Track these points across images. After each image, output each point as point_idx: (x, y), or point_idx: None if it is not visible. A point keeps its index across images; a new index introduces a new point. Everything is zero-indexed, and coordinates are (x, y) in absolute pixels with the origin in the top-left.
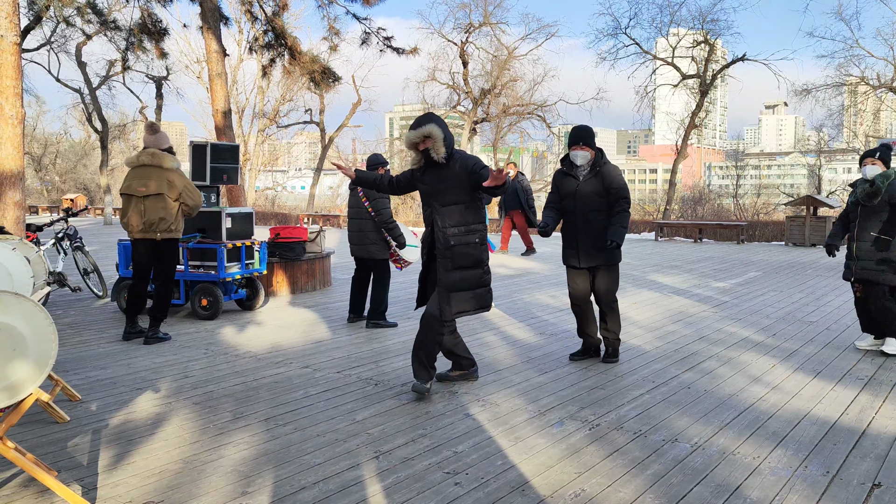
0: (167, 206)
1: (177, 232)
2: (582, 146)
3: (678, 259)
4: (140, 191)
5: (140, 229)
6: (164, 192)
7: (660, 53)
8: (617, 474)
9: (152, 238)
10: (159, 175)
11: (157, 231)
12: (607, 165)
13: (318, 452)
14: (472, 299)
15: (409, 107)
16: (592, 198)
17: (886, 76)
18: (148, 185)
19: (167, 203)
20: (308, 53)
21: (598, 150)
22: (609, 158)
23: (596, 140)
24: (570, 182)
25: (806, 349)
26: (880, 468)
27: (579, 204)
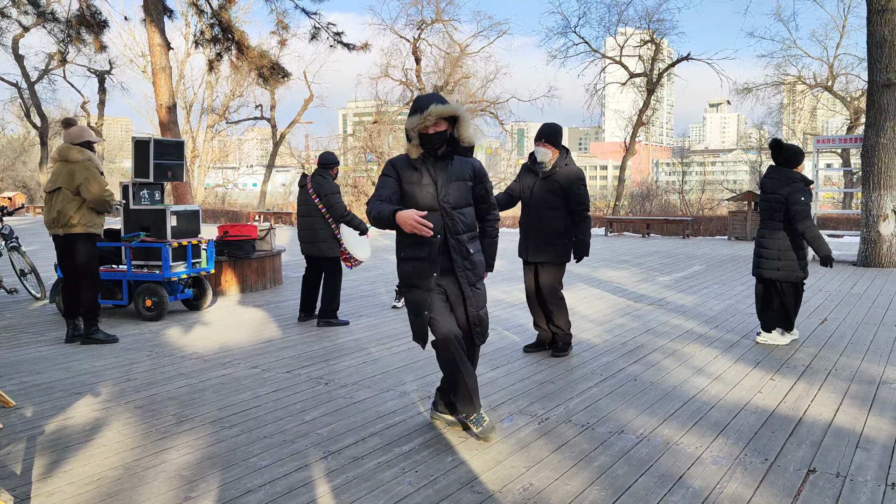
0: (66, 201)
1: (81, 226)
2: (544, 143)
3: (627, 254)
4: (47, 186)
5: (48, 225)
6: (62, 186)
7: (608, 52)
8: (565, 467)
9: (57, 234)
10: (62, 169)
11: (58, 226)
12: (568, 167)
13: (266, 454)
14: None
15: (362, 103)
16: (547, 196)
17: (822, 76)
18: (54, 181)
19: (66, 196)
20: (256, 48)
21: (562, 150)
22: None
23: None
24: (529, 178)
25: (746, 340)
26: (815, 454)
27: (534, 200)
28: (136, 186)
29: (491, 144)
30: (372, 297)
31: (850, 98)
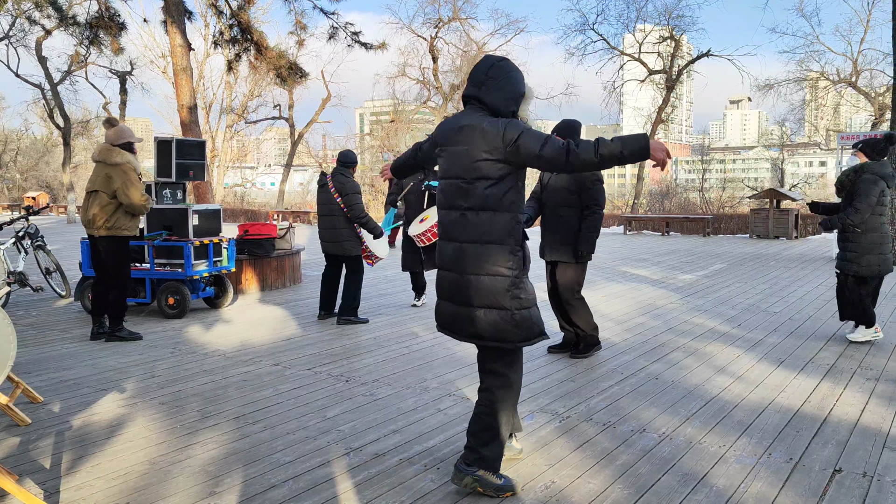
0: (102, 203)
1: (116, 230)
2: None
3: (646, 252)
4: (87, 186)
5: (85, 225)
6: (99, 189)
7: (627, 49)
8: (586, 466)
9: (93, 235)
10: (101, 171)
11: (94, 228)
12: None
13: (288, 450)
14: None
15: (379, 102)
16: (562, 193)
17: (845, 71)
18: (92, 182)
19: (102, 199)
20: (275, 48)
21: None
22: None
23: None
24: (546, 175)
25: (770, 339)
26: (841, 454)
27: (550, 198)
28: (158, 186)
29: None
30: (391, 296)
31: (874, 94)
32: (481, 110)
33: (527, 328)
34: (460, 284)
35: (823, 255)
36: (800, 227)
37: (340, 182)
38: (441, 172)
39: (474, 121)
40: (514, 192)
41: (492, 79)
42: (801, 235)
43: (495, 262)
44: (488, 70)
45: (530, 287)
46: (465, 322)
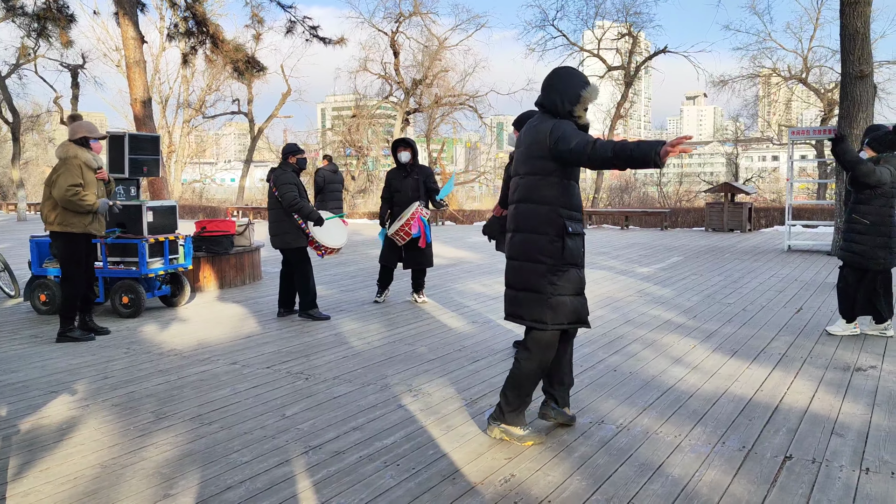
0: (45, 198)
1: (65, 225)
2: (516, 131)
3: (606, 246)
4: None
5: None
6: (47, 184)
7: (586, 45)
8: (545, 458)
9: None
10: (55, 166)
11: (46, 223)
12: None
13: (246, 450)
14: None
15: (340, 97)
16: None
17: (796, 68)
18: (48, 177)
19: (45, 194)
20: (231, 42)
21: None
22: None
23: None
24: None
25: (724, 329)
26: (791, 441)
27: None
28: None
29: (470, 138)
30: (353, 292)
31: (823, 90)
32: (545, 114)
33: (562, 313)
34: (512, 269)
35: (776, 247)
36: (753, 219)
37: (276, 175)
38: (512, 171)
39: (534, 122)
40: (559, 188)
41: (550, 84)
42: (755, 228)
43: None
44: (549, 77)
45: (574, 276)
46: (509, 302)
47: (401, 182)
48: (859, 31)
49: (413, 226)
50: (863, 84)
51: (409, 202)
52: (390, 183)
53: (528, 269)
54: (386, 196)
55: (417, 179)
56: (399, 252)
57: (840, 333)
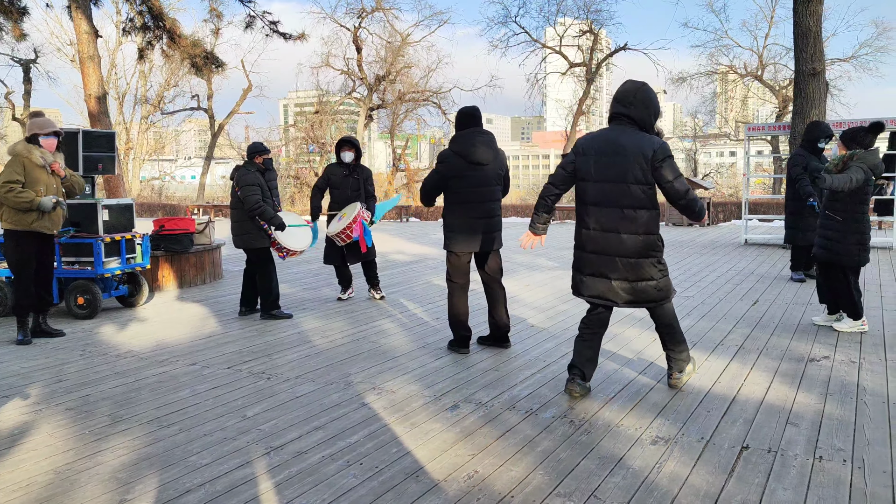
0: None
1: (7, 223)
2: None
3: (570, 241)
4: None
5: None
6: None
7: (548, 42)
8: (509, 453)
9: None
10: None
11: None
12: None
13: (205, 453)
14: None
15: (303, 93)
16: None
17: (752, 65)
18: None
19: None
20: (189, 37)
21: None
22: (503, 145)
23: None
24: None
25: (684, 323)
26: (748, 431)
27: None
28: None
29: (434, 134)
30: (316, 290)
31: (778, 87)
32: (631, 125)
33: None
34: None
35: (733, 241)
36: (712, 214)
37: (240, 174)
38: (593, 175)
39: (631, 135)
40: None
41: (639, 100)
42: (713, 223)
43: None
44: (636, 93)
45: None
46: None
47: (341, 179)
48: (812, 29)
49: (355, 230)
50: (815, 81)
51: (347, 201)
52: (329, 177)
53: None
54: (321, 186)
55: (358, 179)
56: (340, 250)
57: (850, 330)
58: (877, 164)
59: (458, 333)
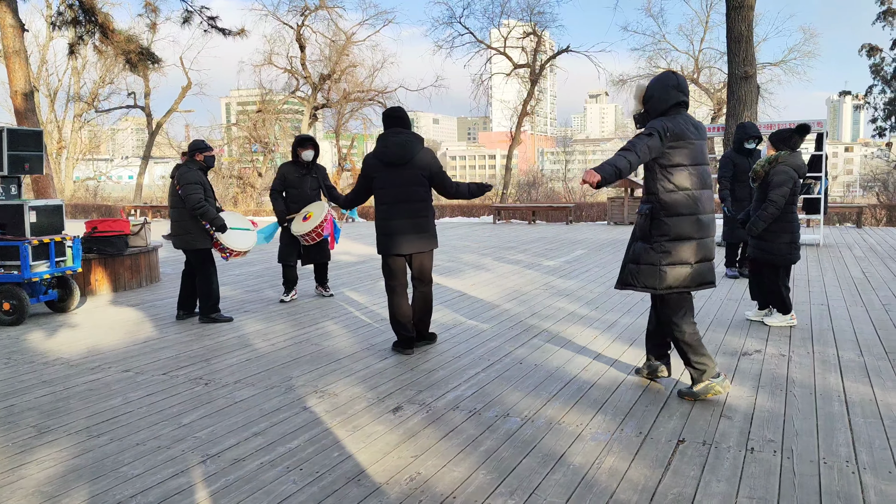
0: None
1: None
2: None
3: (514, 240)
4: None
5: None
6: None
7: (493, 43)
8: (451, 454)
9: None
10: None
11: None
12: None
13: (137, 463)
14: (636, 274)
15: (245, 91)
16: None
17: (689, 68)
18: None
19: None
20: (123, 32)
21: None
22: (449, 145)
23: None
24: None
25: (624, 320)
26: (684, 425)
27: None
28: None
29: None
30: (258, 292)
31: (713, 90)
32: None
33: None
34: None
35: None
36: None
37: (181, 172)
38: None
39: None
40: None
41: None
42: None
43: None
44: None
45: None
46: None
47: (299, 179)
48: (744, 34)
49: (325, 228)
50: (747, 84)
51: (307, 200)
52: (285, 177)
53: None
54: (279, 188)
55: (316, 178)
56: (298, 249)
57: (780, 324)
58: (800, 164)
59: (401, 335)
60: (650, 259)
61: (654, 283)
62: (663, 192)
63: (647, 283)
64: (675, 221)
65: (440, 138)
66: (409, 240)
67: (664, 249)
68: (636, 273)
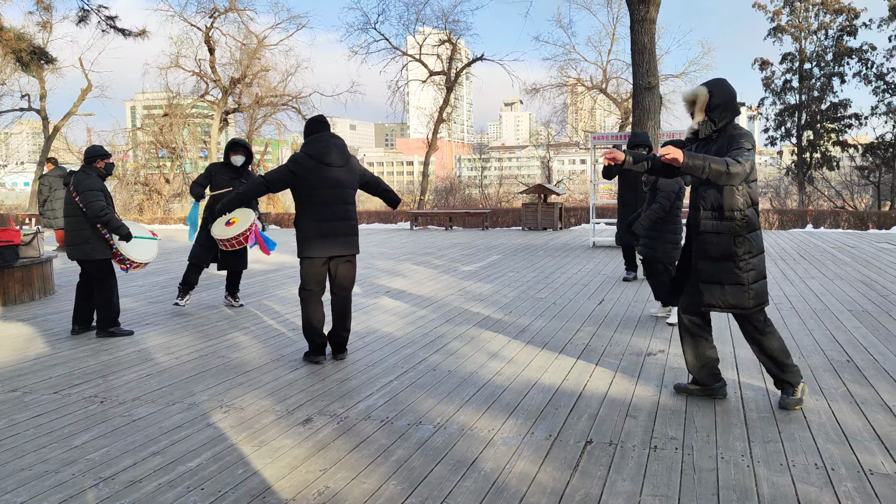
0: None
1: None
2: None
3: (431, 247)
4: None
5: None
6: None
7: (409, 50)
8: (362, 465)
9: None
10: None
11: None
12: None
13: (22, 489)
14: (721, 295)
15: (151, 94)
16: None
17: (597, 78)
18: None
19: None
20: (12, 30)
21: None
22: (366, 151)
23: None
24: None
25: (536, 324)
26: (592, 426)
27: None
28: None
29: (296, 140)
30: (162, 303)
31: (620, 99)
32: None
33: None
34: None
35: (583, 244)
36: (564, 218)
37: (78, 179)
38: None
39: None
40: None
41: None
42: (565, 226)
43: None
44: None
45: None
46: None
47: (227, 182)
48: (647, 46)
49: (250, 238)
50: (651, 95)
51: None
52: (212, 175)
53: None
54: (203, 182)
55: (245, 183)
56: (215, 252)
57: (674, 320)
58: None
59: (314, 341)
60: (738, 279)
61: (745, 303)
62: (746, 208)
63: (734, 303)
64: (755, 237)
65: (357, 144)
66: (340, 242)
67: (751, 267)
68: (721, 294)
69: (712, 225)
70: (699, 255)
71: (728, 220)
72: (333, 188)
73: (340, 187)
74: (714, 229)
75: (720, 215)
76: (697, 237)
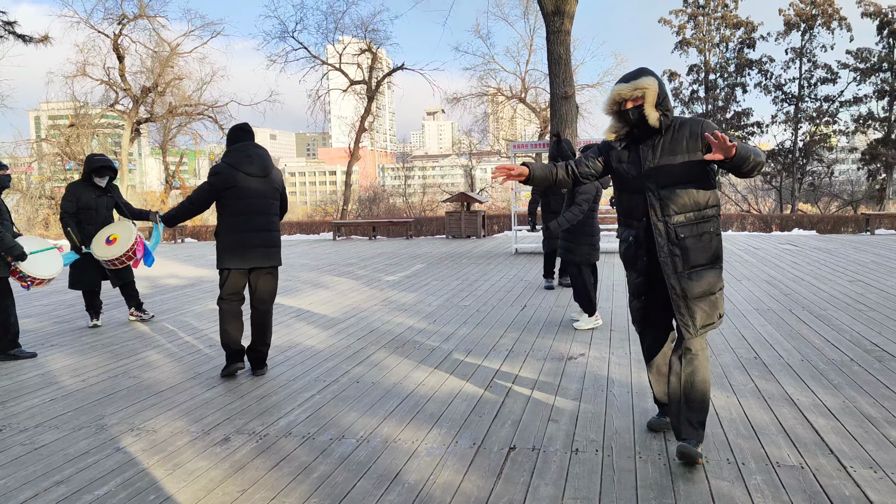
0: None
1: None
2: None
3: (354, 257)
4: None
5: None
6: None
7: (329, 59)
8: (282, 484)
9: None
10: None
11: None
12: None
13: None
14: (713, 308)
15: (55, 104)
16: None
17: (516, 88)
18: None
19: None
20: None
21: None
22: (287, 161)
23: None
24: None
25: (460, 331)
26: (515, 432)
27: (259, 203)
28: None
29: (213, 150)
30: (68, 323)
31: (539, 108)
32: None
33: None
34: None
35: (505, 251)
36: (487, 226)
37: None
38: None
39: None
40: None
41: None
42: (489, 234)
43: None
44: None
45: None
46: None
47: (95, 200)
48: (563, 56)
49: (138, 251)
50: (568, 104)
51: (104, 222)
52: (78, 198)
53: None
54: (72, 211)
55: (112, 197)
56: (103, 272)
57: (586, 328)
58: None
59: (230, 349)
60: (721, 284)
61: (721, 311)
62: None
63: (721, 313)
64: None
65: (278, 154)
66: (260, 253)
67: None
68: (712, 309)
69: (693, 229)
70: (681, 269)
71: (709, 219)
72: (254, 198)
73: (261, 198)
74: (697, 233)
75: (699, 215)
76: (671, 248)
